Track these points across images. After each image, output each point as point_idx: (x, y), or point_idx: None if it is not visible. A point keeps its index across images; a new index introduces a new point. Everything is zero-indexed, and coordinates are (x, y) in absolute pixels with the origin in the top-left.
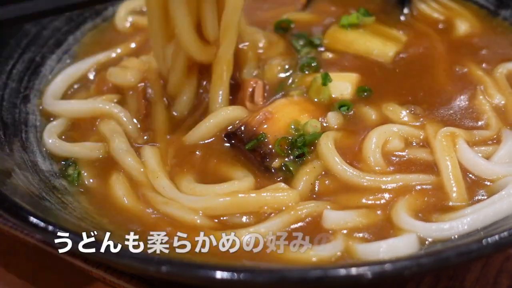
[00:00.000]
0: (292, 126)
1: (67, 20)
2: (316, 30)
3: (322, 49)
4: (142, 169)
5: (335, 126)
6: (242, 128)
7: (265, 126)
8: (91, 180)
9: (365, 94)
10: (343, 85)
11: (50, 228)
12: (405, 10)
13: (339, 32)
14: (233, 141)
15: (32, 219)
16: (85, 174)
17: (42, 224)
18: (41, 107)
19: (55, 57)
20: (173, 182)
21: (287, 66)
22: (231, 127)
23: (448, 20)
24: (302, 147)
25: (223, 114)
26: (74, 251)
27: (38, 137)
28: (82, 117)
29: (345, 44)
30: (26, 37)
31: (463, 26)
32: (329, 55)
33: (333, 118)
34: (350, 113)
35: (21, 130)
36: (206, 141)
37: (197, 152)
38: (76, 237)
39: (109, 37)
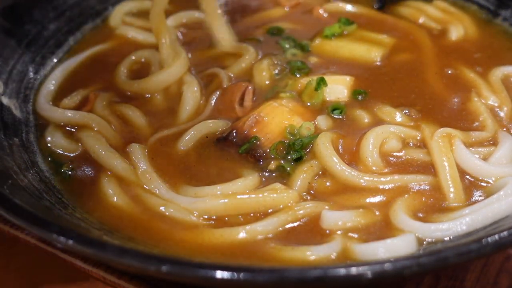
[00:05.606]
0: (288, 130)
1: (67, 20)
2: (303, 37)
3: (309, 53)
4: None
5: (325, 129)
6: (234, 132)
7: (256, 129)
8: (84, 179)
9: (360, 97)
10: (338, 88)
11: (50, 228)
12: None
13: (323, 43)
14: (225, 146)
15: (32, 219)
16: (79, 172)
17: (42, 224)
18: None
19: (55, 57)
20: (167, 183)
21: (276, 71)
22: (219, 132)
23: (444, 26)
24: (299, 150)
25: (204, 127)
26: (74, 251)
27: (38, 137)
28: (69, 124)
29: (331, 54)
30: (26, 37)
31: (456, 32)
32: (316, 59)
33: (323, 122)
34: (342, 116)
35: (21, 130)
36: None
37: (192, 154)
38: (76, 237)
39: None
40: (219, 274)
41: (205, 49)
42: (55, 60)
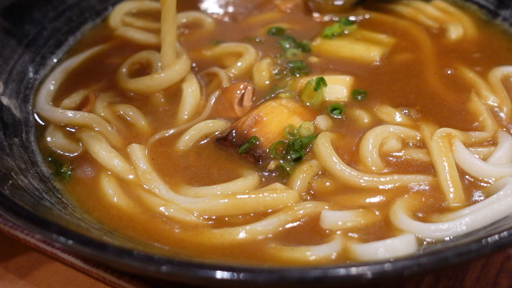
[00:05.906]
0: (287, 130)
1: (67, 20)
2: (304, 37)
3: (309, 53)
4: (131, 168)
5: (324, 129)
6: (233, 132)
7: (255, 129)
8: (84, 179)
9: (360, 97)
10: (338, 88)
11: (50, 228)
12: None
13: (323, 43)
14: (225, 146)
15: (32, 219)
16: (78, 173)
17: (42, 224)
18: (35, 110)
19: (55, 57)
20: (167, 183)
21: (276, 70)
22: (219, 132)
23: (442, 25)
24: (299, 150)
25: (204, 127)
26: (74, 251)
27: (38, 137)
28: (70, 124)
29: (331, 53)
30: (26, 37)
31: (455, 31)
32: (316, 59)
33: (322, 122)
34: (342, 116)
35: (21, 130)
36: (201, 143)
37: (192, 154)
38: (76, 237)
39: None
40: (219, 274)
41: (205, 49)
42: (55, 60)
